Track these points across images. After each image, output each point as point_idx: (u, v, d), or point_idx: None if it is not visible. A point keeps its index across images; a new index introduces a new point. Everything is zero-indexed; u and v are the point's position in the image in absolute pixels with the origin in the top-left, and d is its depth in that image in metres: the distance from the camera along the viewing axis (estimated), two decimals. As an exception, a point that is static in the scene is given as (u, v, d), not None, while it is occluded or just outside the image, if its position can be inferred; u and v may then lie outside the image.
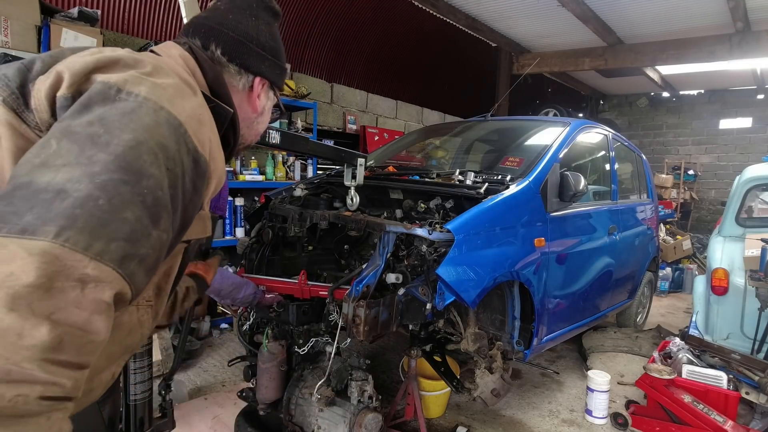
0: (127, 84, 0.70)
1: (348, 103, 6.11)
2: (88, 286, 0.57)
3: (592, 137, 3.56)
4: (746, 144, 9.53)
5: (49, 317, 0.53)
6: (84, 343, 0.57)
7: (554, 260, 2.63)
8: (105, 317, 0.59)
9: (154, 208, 0.65)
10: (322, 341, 2.19)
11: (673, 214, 8.12)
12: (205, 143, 0.76)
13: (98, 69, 0.73)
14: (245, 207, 4.04)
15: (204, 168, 0.76)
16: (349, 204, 2.31)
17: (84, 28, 3.11)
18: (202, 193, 0.78)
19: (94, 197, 0.59)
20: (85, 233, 0.57)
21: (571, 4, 5.21)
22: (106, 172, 0.61)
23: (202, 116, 0.78)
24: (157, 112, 0.69)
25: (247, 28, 0.98)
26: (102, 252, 0.58)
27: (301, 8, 5.71)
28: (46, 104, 0.71)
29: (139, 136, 0.65)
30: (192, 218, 0.79)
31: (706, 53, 6.14)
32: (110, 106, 0.67)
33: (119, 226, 0.60)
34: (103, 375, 0.88)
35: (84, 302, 0.56)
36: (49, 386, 0.53)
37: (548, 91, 10.29)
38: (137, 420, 1.68)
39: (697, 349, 3.06)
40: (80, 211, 0.57)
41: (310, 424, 2.12)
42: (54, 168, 0.60)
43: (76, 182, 0.59)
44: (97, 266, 0.57)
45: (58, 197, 0.57)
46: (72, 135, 0.63)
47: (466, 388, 2.40)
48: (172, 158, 0.69)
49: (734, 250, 3.46)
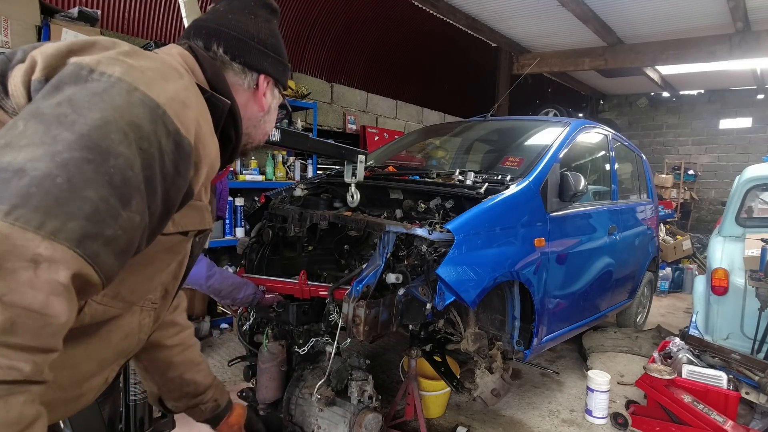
0: (100, 65, 0.68)
1: (348, 103, 6.11)
2: (41, 266, 0.55)
3: (592, 137, 3.56)
4: (746, 144, 9.53)
5: (1, 299, 0.51)
6: (41, 326, 0.55)
7: (554, 260, 2.63)
8: (64, 299, 0.57)
9: (124, 188, 0.62)
10: (322, 341, 2.19)
11: (673, 214, 8.12)
12: (189, 126, 0.74)
13: (73, 52, 0.72)
14: (245, 207, 4.04)
15: (188, 150, 0.73)
16: (350, 201, 2.31)
17: (84, 28, 3.12)
18: (188, 177, 0.75)
19: (53, 176, 0.57)
20: (39, 212, 0.55)
21: (571, 4, 5.21)
22: (68, 151, 0.59)
23: (188, 99, 0.75)
24: (130, 92, 0.67)
25: (247, 26, 0.98)
26: (56, 231, 0.56)
27: (301, 8, 5.71)
28: (22, 89, 0.71)
29: (108, 115, 0.63)
30: (176, 202, 0.75)
31: (706, 53, 6.14)
32: (81, 86, 0.65)
33: (79, 204, 0.58)
34: (95, 380, 0.86)
35: (38, 283, 0.54)
36: (3, 370, 0.52)
37: (548, 91, 10.29)
38: (137, 420, 1.68)
39: (697, 349, 3.06)
40: (35, 189, 0.55)
41: (310, 424, 2.12)
42: (17, 148, 0.58)
43: (36, 161, 0.57)
44: (50, 245, 0.55)
45: (15, 176, 0.56)
46: (39, 116, 0.62)
47: (466, 388, 2.40)
48: (146, 138, 0.66)
49: (734, 250, 3.46)
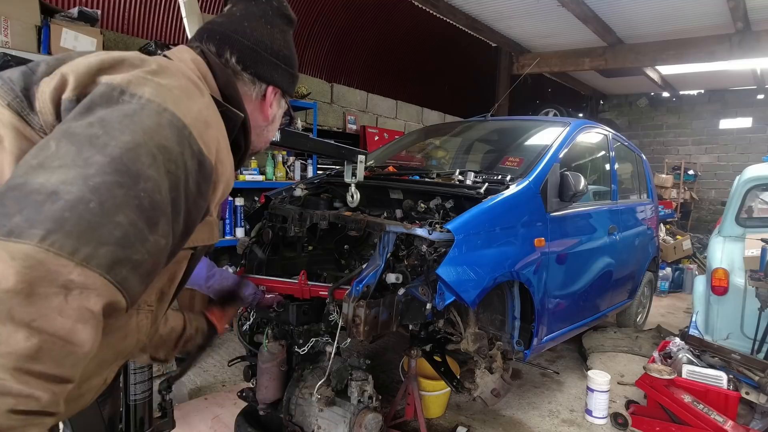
0: (131, 85, 0.69)
1: (348, 103, 6.11)
2: (72, 293, 0.54)
3: (592, 137, 3.56)
4: (746, 144, 9.53)
5: (29, 324, 0.51)
6: (65, 354, 0.54)
7: (554, 260, 2.63)
8: (90, 327, 0.56)
9: (152, 212, 0.63)
10: (322, 341, 2.19)
11: (673, 214, 8.12)
12: (211, 146, 0.74)
13: (103, 70, 0.72)
14: (245, 207, 4.04)
15: (209, 171, 0.74)
16: (350, 201, 2.32)
17: (84, 28, 3.12)
18: (207, 196, 0.76)
19: (86, 200, 0.57)
20: (73, 237, 0.55)
21: (571, 4, 5.20)
22: (100, 174, 0.59)
23: (209, 118, 0.76)
24: (160, 114, 0.68)
25: (262, 36, 0.97)
26: (89, 257, 0.56)
27: (301, 8, 5.72)
28: (51, 107, 0.71)
29: (139, 137, 0.64)
30: (196, 223, 0.76)
31: (706, 53, 6.14)
32: (113, 108, 0.66)
33: (111, 230, 0.58)
34: (94, 381, 0.86)
35: (67, 310, 0.53)
36: (22, 399, 0.50)
37: (548, 91, 10.29)
38: (137, 420, 1.68)
39: (697, 349, 3.06)
40: (69, 214, 0.55)
41: (310, 424, 2.12)
42: (50, 169, 0.58)
43: (69, 184, 0.57)
44: (83, 272, 0.55)
45: (49, 199, 0.56)
46: (71, 137, 0.62)
47: (466, 388, 2.40)
48: (173, 160, 0.67)
49: (734, 250, 3.46)
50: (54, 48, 3.00)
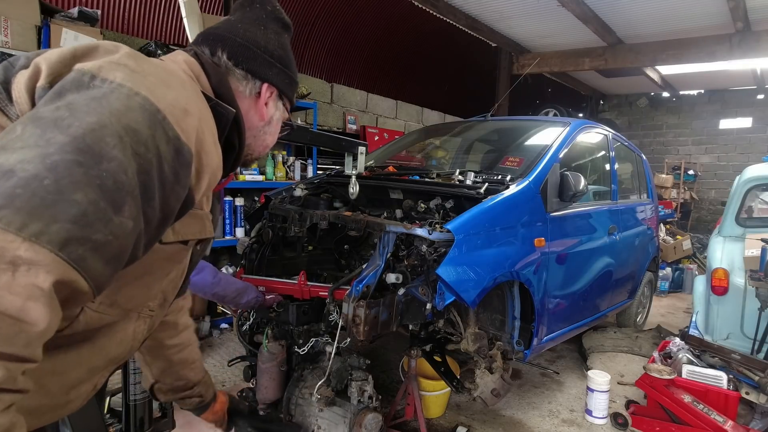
0: (102, 71, 0.68)
1: (348, 103, 6.11)
2: (20, 269, 0.53)
3: (592, 137, 3.56)
4: (746, 144, 9.53)
5: None
6: (15, 333, 0.52)
7: (554, 260, 2.63)
8: (42, 305, 0.54)
9: (116, 193, 0.61)
10: (322, 341, 2.19)
11: (673, 214, 8.12)
12: (190, 133, 0.73)
13: (77, 58, 0.72)
14: (245, 207, 4.04)
15: (187, 158, 0.72)
16: (351, 193, 2.32)
17: (84, 28, 3.11)
18: (187, 184, 0.74)
19: (41, 177, 0.56)
20: (22, 213, 0.53)
21: (571, 4, 5.20)
22: (59, 153, 0.58)
23: (189, 106, 0.75)
24: (130, 97, 0.67)
25: (255, 36, 0.98)
26: (39, 233, 0.54)
27: (301, 8, 5.72)
28: (26, 96, 0.71)
29: (105, 119, 0.63)
30: (174, 210, 0.74)
31: (706, 53, 6.14)
32: (82, 93, 0.65)
33: (66, 207, 0.56)
34: (84, 387, 0.85)
35: (15, 287, 0.52)
36: None
37: (548, 91, 10.29)
38: (137, 420, 1.67)
39: (697, 349, 3.06)
40: (22, 190, 0.54)
41: (310, 424, 2.12)
42: (11, 150, 0.58)
43: (26, 163, 0.56)
44: (30, 247, 0.53)
45: (3, 177, 0.55)
46: (37, 120, 0.62)
47: (466, 388, 2.40)
48: (143, 143, 0.65)
49: (734, 250, 3.46)
50: (54, 48, 3.00)
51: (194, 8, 2.57)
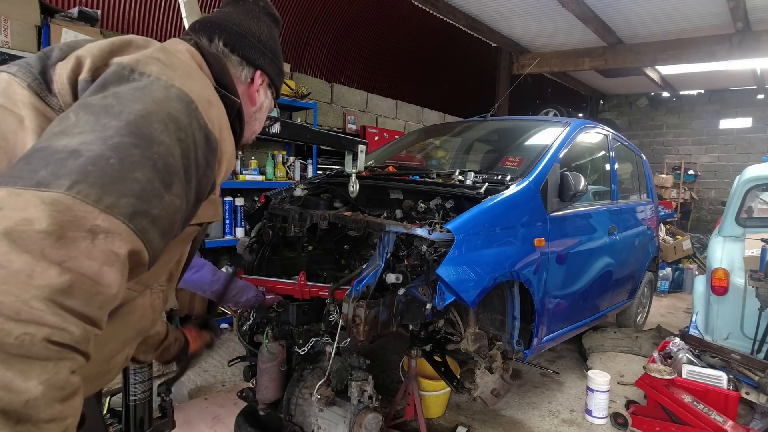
0: (139, 64, 0.74)
1: (348, 103, 6.11)
2: (98, 237, 0.58)
3: (592, 137, 3.56)
4: (746, 144, 9.52)
5: (61, 264, 0.54)
6: (93, 294, 0.57)
7: (554, 260, 2.63)
8: (116, 270, 0.60)
9: (166, 173, 0.67)
10: (322, 341, 2.19)
11: (673, 214, 8.12)
12: (214, 122, 0.79)
13: (114, 52, 0.78)
14: (245, 207, 4.04)
15: (214, 145, 0.79)
16: (351, 191, 2.33)
17: (84, 28, 3.12)
18: (214, 169, 0.81)
19: (106, 156, 0.62)
20: (96, 187, 0.59)
21: (571, 4, 5.20)
22: (118, 136, 0.64)
23: (211, 97, 0.81)
24: (168, 88, 0.73)
25: (249, 25, 1.03)
26: (112, 206, 0.60)
27: (301, 8, 5.72)
28: (69, 88, 0.76)
29: (150, 106, 0.69)
30: (206, 193, 0.81)
31: (706, 53, 6.14)
32: (123, 84, 0.71)
33: (129, 184, 0.62)
34: (119, 357, 0.92)
35: (94, 252, 0.57)
36: (56, 330, 0.53)
37: (548, 91, 10.29)
38: (137, 420, 1.67)
39: (697, 349, 3.06)
40: (92, 168, 0.60)
41: (310, 424, 2.12)
42: (71, 134, 0.63)
43: (89, 144, 0.62)
44: (107, 218, 0.59)
45: (71, 156, 0.60)
46: (88, 107, 0.67)
47: (466, 388, 2.40)
48: (183, 129, 0.72)
49: (734, 250, 3.46)
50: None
51: (194, 8, 2.57)
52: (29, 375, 0.50)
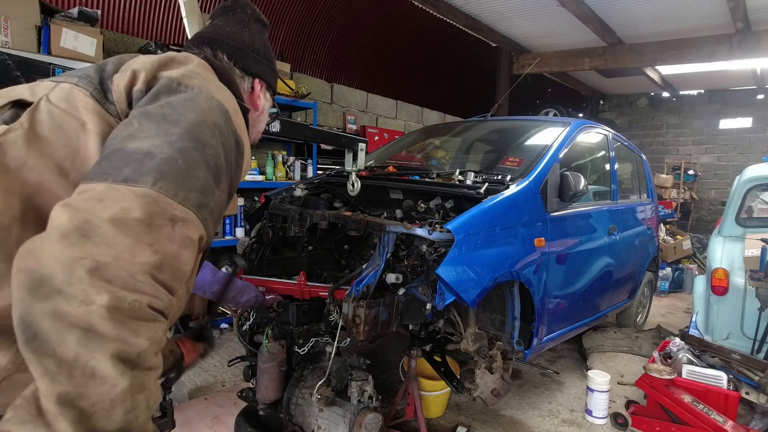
0: (185, 78, 0.87)
1: (348, 103, 6.11)
2: (177, 224, 0.71)
3: (592, 137, 3.56)
4: (746, 144, 9.52)
5: (151, 246, 0.67)
6: (176, 270, 0.70)
7: (554, 260, 2.63)
8: (190, 252, 0.73)
9: (216, 172, 0.80)
10: (322, 341, 2.19)
11: (673, 214, 8.12)
12: (240, 128, 0.91)
13: (161, 67, 0.90)
14: (245, 207, 4.04)
15: (241, 148, 0.91)
16: (350, 189, 2.33)
17: (84, 28, 3.11)
18: (242, 169, 0.94)
19: (175, 158, 0.74)
20: (173, 183, 0.71)
21: (571, 4, 5.20)
22: (180, 141, 0.76)
23: (235, 107, 0.94)
24: (210, 99, 0.85)
25: (243, 37, 1.13)
26: (185, 199, 0.72)
27: (301, 8, 5.72)
28: (125, 97, 0.87)
29: (200, 115, 0.81)
30: (235, 189, 0.93)
31: (706, 53, 6.14)
32: (172, 96, 0.83)
33: (194, 181, 0.75)
34: None
35: (175, 237, 0.70)
36: (154, 299, 0.65)
37: (548, 91, 10.28)
38: (137, 420, 1.67)
39: (697, 349, 3.06)
40: (167, 167, 0.72)
41: (310, 424, 2.12)
42: (139, 139, 0.75)
43: (159, 147, 0.74)
44: (182, 209, 0.72)
45: (146, 157, 0.72)
46: (149, 115, 0.79)
47: (466, 388, 2.40)
48: (223, 134, 0.84)
49: (734, 250, 3.46)
50: (54, 48, 3.00)
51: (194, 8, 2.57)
52: (139, 332, 0.63)
